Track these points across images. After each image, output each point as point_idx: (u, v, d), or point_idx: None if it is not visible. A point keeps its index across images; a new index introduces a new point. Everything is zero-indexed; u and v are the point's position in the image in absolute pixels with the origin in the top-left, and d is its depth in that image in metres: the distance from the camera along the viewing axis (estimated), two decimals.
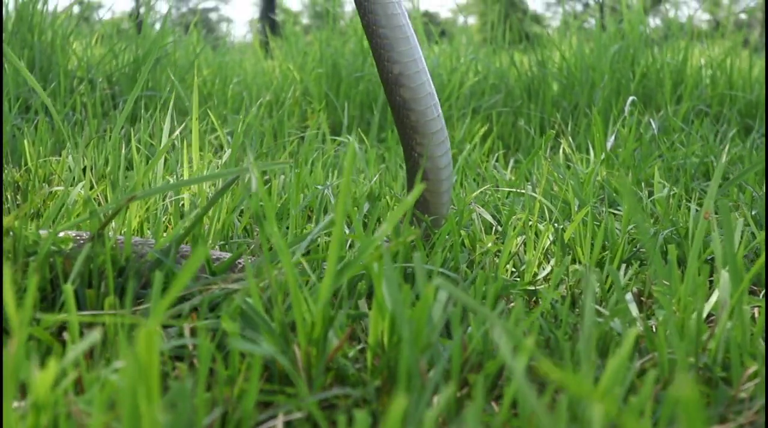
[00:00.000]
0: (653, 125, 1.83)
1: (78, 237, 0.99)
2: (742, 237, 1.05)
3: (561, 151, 1.90)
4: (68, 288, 0.73)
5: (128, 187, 1.42)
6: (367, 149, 1.81)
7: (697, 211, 1.49)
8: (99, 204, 1.36)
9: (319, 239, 1.23)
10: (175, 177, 1.38)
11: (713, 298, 0.86)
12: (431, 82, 1.18)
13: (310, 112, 2.82)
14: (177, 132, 1.25)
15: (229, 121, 2.67)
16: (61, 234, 0.96)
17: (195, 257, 0.53)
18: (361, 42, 3.06)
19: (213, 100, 3.07)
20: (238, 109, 2.99)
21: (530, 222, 1.20)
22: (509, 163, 2.00)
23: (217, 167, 1.34)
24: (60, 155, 2.12)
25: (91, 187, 1.47)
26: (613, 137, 1.71)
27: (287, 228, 1.47)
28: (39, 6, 2.95)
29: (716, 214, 0.94)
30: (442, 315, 0.67)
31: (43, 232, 0.93)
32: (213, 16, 41.50)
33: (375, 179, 1.66)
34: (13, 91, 2.48)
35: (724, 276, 0.80)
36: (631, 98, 1.87)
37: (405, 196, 1.47)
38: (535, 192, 1.49)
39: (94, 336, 0.51)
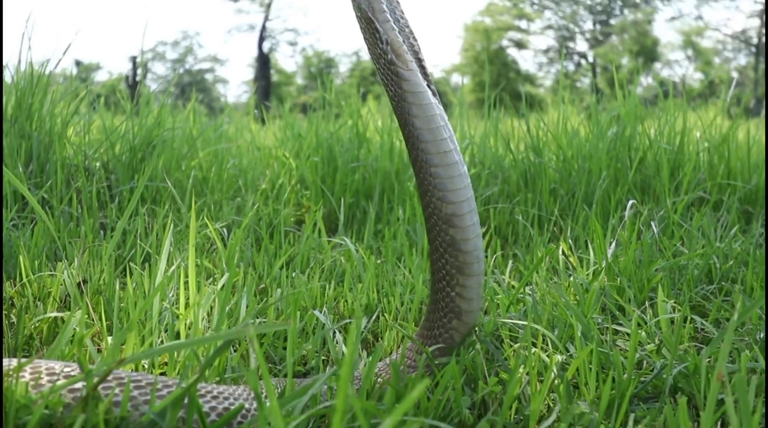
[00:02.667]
0: (654, 228, 1.82)
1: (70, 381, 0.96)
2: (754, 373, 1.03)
3: (560, 251, 1.89)
4: None
5: (124, 310, 1.40)
6: (364, 255, 1.79)
7: (703, 328, 1.47)
8: (94, 334, 1.34)
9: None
10: (168, 302, 1.36)
11: None
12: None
13: (306, 200, 2.82)
14: (173, 268, 1.23)
15: (224, 210, 2.66)
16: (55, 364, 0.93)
17: None
18: (357, 126, 3.07)
19: (209, 183, 3.06)
20: (234, 195, 2.98)
21: (534, 351, 1.18)
22: (508, 261, 1.99)
23: (214, 293, 1.32)
24: (56, 256, 2.10)
25: (85, 304, 1.45)
26: (614, 243, 1.69)
27: (284, 348, 1.44)
28: (39, 77, 2.96)
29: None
30: None
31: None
32: (209, 77, 42.03)
33: (371, 285, 1.64)
34: (10, 186, 2.47)
35: None
36: (630, 202, 1.86)
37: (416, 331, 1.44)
38: (536, 305, 1.47)
39: None
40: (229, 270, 1.36)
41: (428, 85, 1.13)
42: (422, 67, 1.15)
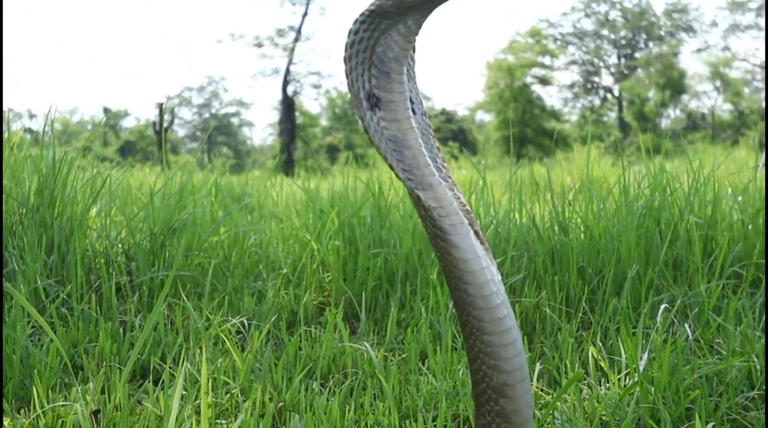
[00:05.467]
0: (688, 331, 1.74)
1: None
2: None
3: (590, 355, 1.81)
4: None
5: None
6: (382, 373, 1.73)
7: None
8: None
9: None
10: None
11: None
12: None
13: (328, 284, 2.77)
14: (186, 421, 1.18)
15: (245, 299, 2.61)
16: None
17: None
18: (378, 203, 3.02)
19: (230, 264, 3.03)
20: (256, 278, 2.94)
21: None
22: (536, 363, 1.91)
23: None
24: (74, 365, 2.06)
25: None
26: (645, 355, 1.62)
27: None
28: (62, 158, 2.95)
29: None
30: None
31: None
32: (235, 120, 42.60)
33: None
34: (30, 285, 2.46)
35: None
36: (663, 306, 1.79)
37: None
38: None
39: None
40: (244, 414, 1.30)
41: (481, 243, 1.06)
42: (467, 211, 1.07)
